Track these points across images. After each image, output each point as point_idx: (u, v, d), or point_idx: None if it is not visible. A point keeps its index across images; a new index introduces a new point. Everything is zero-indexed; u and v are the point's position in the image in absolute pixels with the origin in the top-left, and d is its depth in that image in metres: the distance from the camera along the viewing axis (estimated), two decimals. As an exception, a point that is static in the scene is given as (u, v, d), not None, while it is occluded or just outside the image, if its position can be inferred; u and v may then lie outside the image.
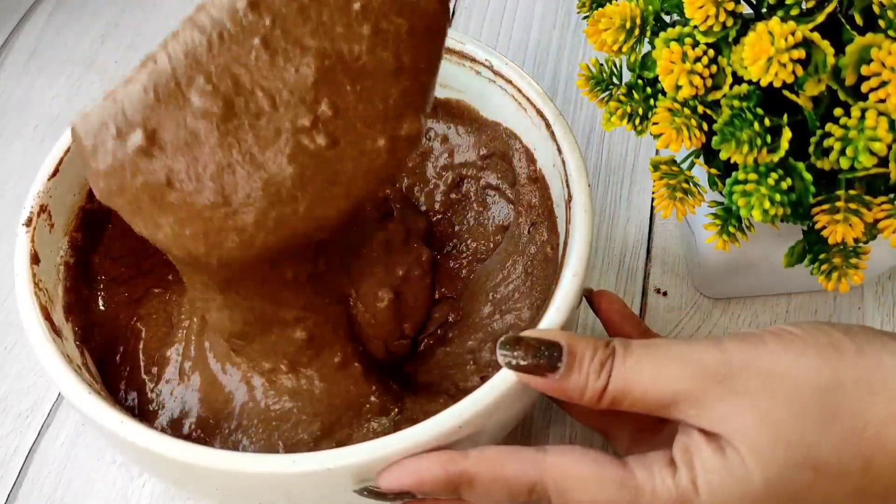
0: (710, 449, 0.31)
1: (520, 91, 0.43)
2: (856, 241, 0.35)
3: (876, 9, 0.33)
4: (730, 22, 0.34)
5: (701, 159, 0.38)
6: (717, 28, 0.34)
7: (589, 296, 0.42)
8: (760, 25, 0.32)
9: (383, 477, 0.32)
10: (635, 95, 0.38)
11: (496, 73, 0.44)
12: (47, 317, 0.38)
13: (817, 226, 0.35)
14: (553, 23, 0.61)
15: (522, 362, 0.32)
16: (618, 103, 0.38)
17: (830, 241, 0.35)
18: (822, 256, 0.37)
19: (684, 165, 0.38)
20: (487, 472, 0.32)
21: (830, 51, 0.32)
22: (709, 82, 0.35)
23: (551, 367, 0.32)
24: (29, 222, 0.39)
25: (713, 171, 0.37)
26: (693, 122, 0.35)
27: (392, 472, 0.32)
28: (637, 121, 0.38)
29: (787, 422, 0.30)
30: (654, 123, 0.36)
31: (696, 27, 0.35)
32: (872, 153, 0.31)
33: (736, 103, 0.34)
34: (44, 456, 0.44)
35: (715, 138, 0.34)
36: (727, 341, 0.32)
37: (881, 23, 0.32)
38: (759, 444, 0.30)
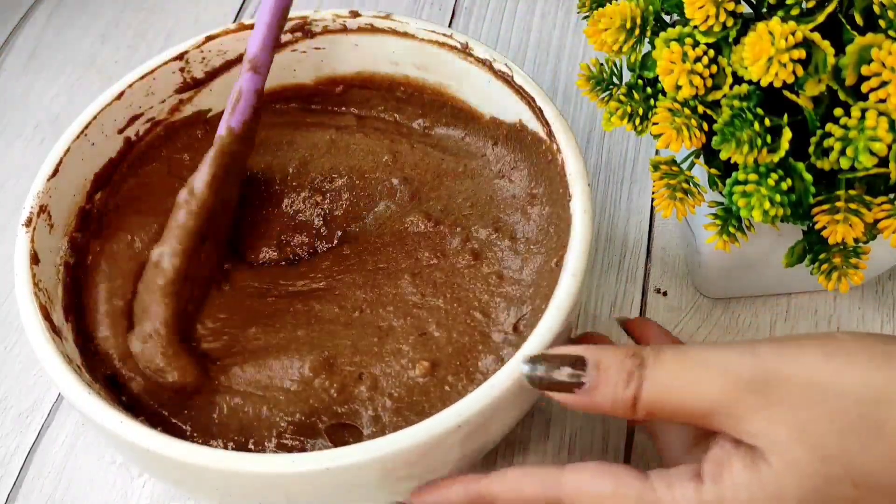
0: (742, 463, 0.30)
1: (520, 91, 0.43)
2: (856, 241, 0.35)
3: (876, 9, 0.33)
4: (730, 22, 0.34)
5: (701, 159, 0.38)
6: (717, 28, 0.34)
7: (624, 325, 0.41)
8: (760, 25, 0.32)
9: (415, 497, 0.34)
10: (635, 95, 0.38)
11: (496, 72, 0.44)
12: (47, 317, 0.38)
13: (817, 226, 0.35)
14: (553, 23, 0.61)
15: (546, 380, 0.32)
16: (618, 103, 0.38)
17: (830, 241, 0.35)
18: (821, 257, 0.37)
19: (684, 165, 0.38)
20: (507, 493, 0.33)
21: (831, 51, 0.32)
22: (709, 82, 0.35)
23: (577, 382, 0.32)
24: (29, 222, 0.39)
25: (713, 171, 0.37)
26: (693, 122, 0.35)
27: (422, 495, 0.34)
28: (637, 121, 0.38)
29: (828, 434, 0.29)
30: (654, 123, 0.36)
31: (696, 27, 0.35)
32: (872, 153, 0.31)
33: (736, 103, 0.34)
34: (44, 456, 0.44)
35: (715, 138, 0.34)
36: (763, 346, 0.31)
37: (881, 23, 0.32)
38: (795, 458, 0.29)
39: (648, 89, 0.38)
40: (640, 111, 0.38)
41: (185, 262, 0.40)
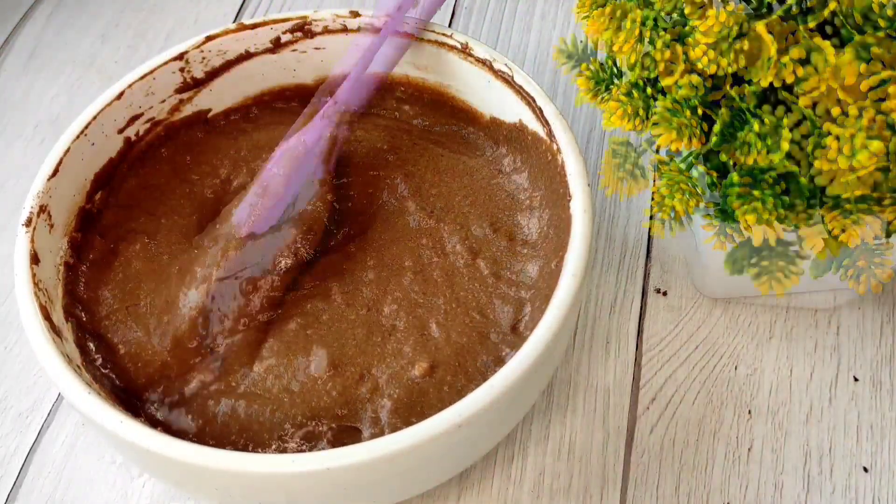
0: None
1: (520, 91, 0.43)
2: (875, 238, 0.34)
3: (875, 8, 0.33)
4: (730, 22, 0.34)
5: (700, 160, 0.38)
6: (717, 28, 0.34)
7: None
8: (760, 25, 0.32)
9: None
10: (635, 95, 0.38)
11: (496, 72, 0.44)
12: (47, 317, 0.38)
13: (834, 232, 0.35)
14: (553, 23, 0.61)
15: None
16: (618, 103, 0.38)
17: (850, 244, 0.34)
18: (845, 262, 0.37)
19: (683, 166, 0.38)
20: None
21: (831, 50, 0.32)
22: (709, 82, 0.35)
23: None
24: (29, 222, 0.39)
25: (713, 172, 0.37)
26: (693, 122, 0.35)
27: None
28: (637, 121, 0.38)
29: None
30: (655, 124, 0.36)
31: (696, 27, 0.35)
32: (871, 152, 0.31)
33: (736, 104, 0.34)
34: (44, 456, 0.44)
35: (714, 139, 0.34)
36: None
37: (881, 22, 0.32)
38: None
39: (649, 89, 0.38)
40: (641, 111, 0.38)
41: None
